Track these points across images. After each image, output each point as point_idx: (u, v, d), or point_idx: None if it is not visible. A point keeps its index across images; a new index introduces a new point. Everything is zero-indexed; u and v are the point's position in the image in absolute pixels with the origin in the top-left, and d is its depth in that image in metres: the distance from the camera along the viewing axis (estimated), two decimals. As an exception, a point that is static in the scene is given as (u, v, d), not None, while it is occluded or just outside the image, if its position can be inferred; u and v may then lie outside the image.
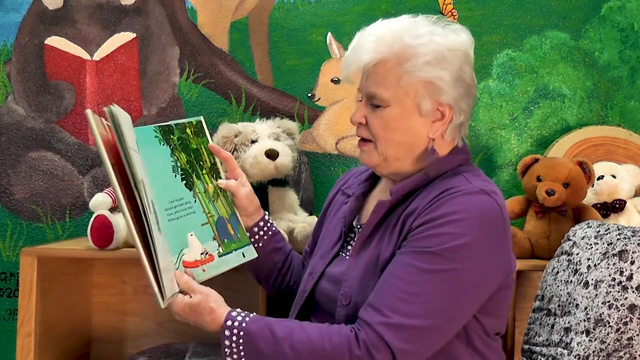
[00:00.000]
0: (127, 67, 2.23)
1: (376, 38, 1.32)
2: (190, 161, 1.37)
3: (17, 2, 2.24)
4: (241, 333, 1.24)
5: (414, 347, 1.20)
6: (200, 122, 1.43)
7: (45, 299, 1.83)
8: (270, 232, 1.53)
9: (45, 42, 2.23)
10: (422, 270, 1.22)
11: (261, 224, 1.52)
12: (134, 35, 2.23)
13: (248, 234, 1.48)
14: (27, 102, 2.23)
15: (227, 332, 1.25)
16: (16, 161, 2.23)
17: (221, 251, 1.37)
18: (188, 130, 1.39)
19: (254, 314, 1.29)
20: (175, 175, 1.32)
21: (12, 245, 2.21)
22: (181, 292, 1.29)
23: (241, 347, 1.24)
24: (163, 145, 1.33)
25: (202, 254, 1.33)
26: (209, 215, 1.36)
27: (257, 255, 1.47)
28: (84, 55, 2.23)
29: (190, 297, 1.28)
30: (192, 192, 1.34)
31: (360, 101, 1.38)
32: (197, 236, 1.33)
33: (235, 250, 1.40)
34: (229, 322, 1.25)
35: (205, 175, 1.39)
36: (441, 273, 1.22)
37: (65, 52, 2.23)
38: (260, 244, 1.51)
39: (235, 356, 1.25)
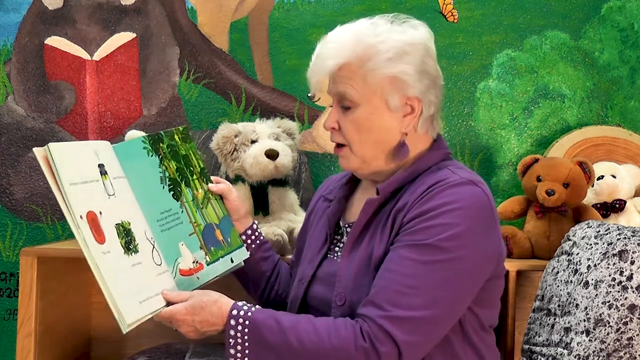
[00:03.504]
0: (127, 67, 2.23)
1: (337, 44, 1.35)
2: (180, 168, 1.40)
3: (17, 2, 2.23)
4: (247, 322, 1.23)
5: (417, 338, 1.21)
6: (187, 128, 1.47)
7: (45, 299, 1.83)
8: (258, 241, 1.55)
9: (45, 42, 2.23)
10: (419, 262, 1.23)
11: (249, 232, 1.54)
12: (134, 35, 2.23)
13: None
14: (27, 102, 2.23)
15: (232, 322, 1.24)
16: (16, 161, 2.23)
17: (208, 259, 1.39)
18: (176, 137, 1.43)
19: (258, 306, 1.29)
20: (163, 187, 1.36)
21: (12, 245, 2.21)
22: (167, 305, 1.27)
23: (246, 337, 1.23)
24: (152, 156, 1.36)
25: (193, 262, 1.36)
26: (195, 224, 1.39)
27: (248, 256, 1.49)
28: (84, 55, 2.23)
29: (187, 300, 1.27)
30: (179, 202, 1.38)
31: (332, 107, 1.40)
32: (187, 246, 1.36)
33: (222, 257, 1.42)
34: (234, 312, 1.25)
35: (196, 181, 1.43)
36: (438, 264, 1.23)
37: (65, 52, 2.23)
38: (249, 253, 1.52)
39: (239, 347, 1.23)
